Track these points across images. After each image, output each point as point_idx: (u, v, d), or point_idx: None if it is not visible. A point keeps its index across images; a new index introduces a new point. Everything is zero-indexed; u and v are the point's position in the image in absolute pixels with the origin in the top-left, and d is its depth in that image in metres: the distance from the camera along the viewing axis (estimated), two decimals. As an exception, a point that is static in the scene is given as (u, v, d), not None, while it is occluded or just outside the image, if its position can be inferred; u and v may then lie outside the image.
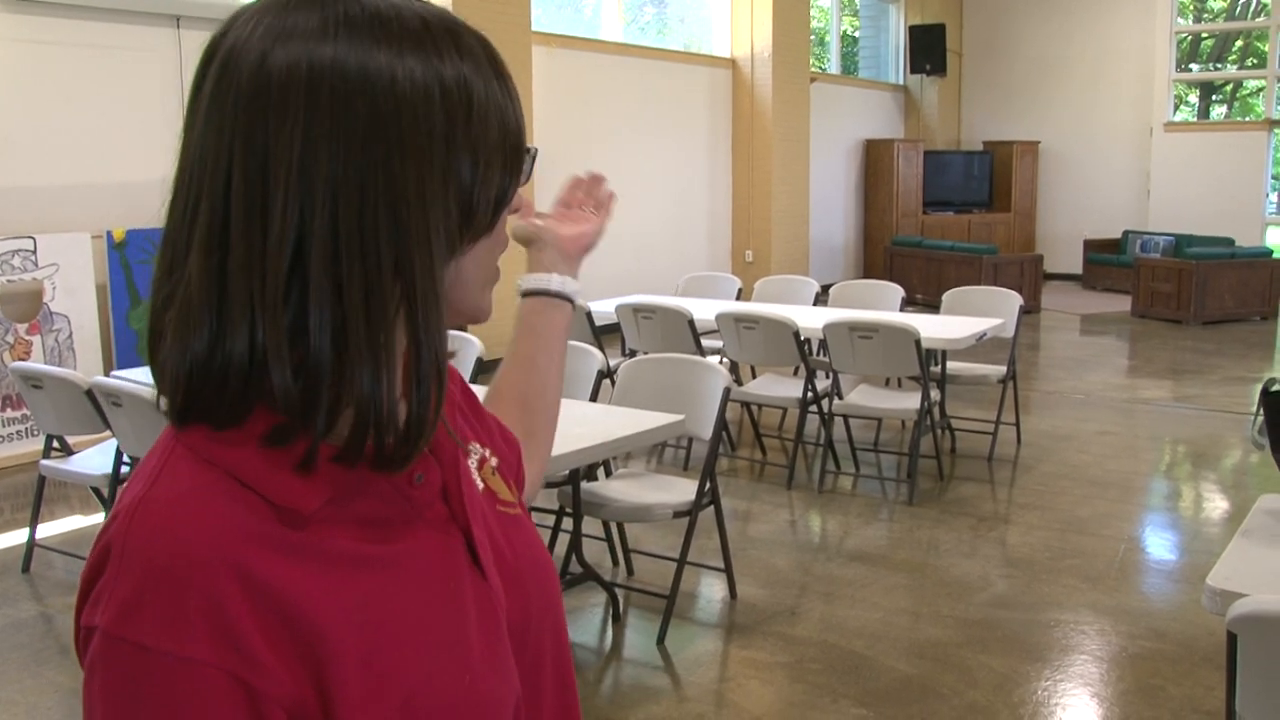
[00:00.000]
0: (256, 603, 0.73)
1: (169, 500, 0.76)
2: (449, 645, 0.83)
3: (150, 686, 0.71)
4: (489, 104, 0.82)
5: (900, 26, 15.62)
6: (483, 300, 0.89)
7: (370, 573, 0.80)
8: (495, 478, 0.99)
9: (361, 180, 0.76)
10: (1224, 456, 6.74)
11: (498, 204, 0.84)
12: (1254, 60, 16.07)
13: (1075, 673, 3.77)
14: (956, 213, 15.09)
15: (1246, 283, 11.79)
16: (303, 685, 0.74)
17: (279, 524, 0.77)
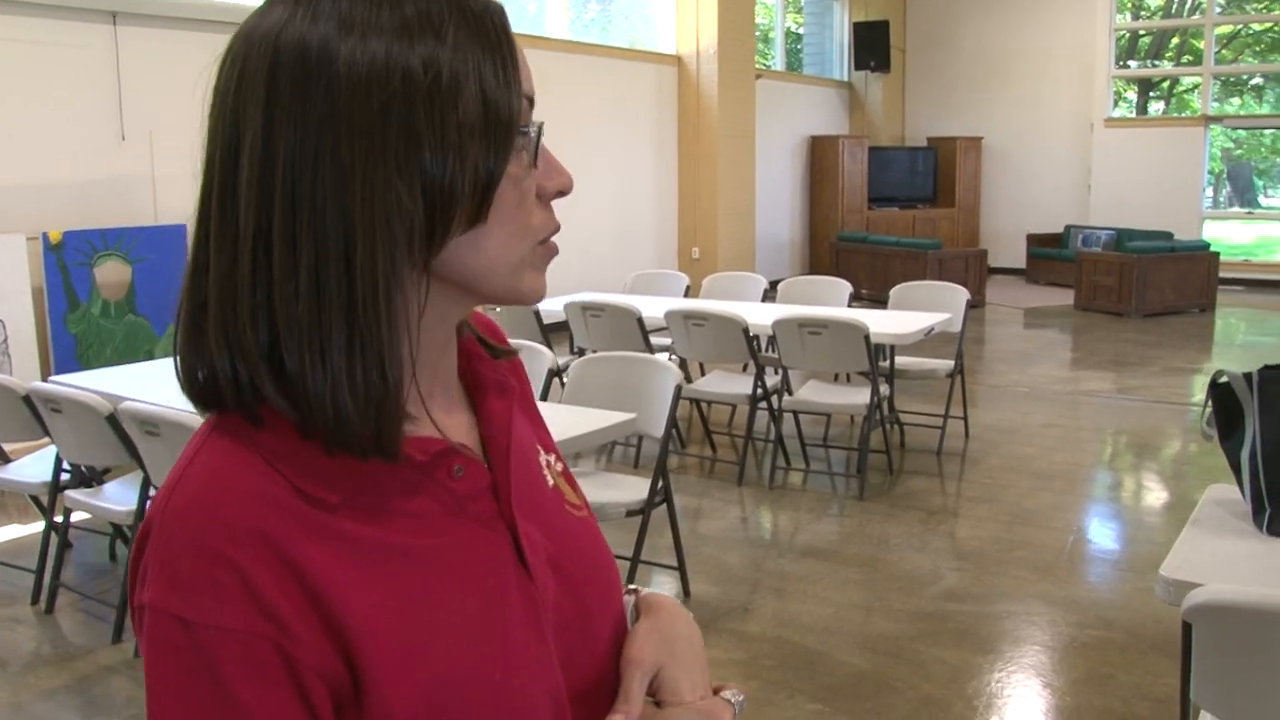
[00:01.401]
0: (284, 576, 0.75)
1: (203, 477, 0.78)
2: (483, 639, 0.83)
3: (194, 656, 0.73)
4: (466, 83, 0.78)
5: (844, 23, 15.69)
6: (518, 282, 0.85)
7: (403, 562, 0.81)
8: (561, 479, 1.00)
9: (315, 166, 0.75)
10: (1166, 447, 6.83)
11: (484, 186, 0.79)
12: (1190, 57, 16.32)
13: (1027, 663, 3.79)
14: (901, 208, 15.18)
15: (1185, 276, 11.95)
16: (334, 662, 0.76)
17: (308, 506, 0.78)
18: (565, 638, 0.89)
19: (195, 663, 0.73)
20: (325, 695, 0.76)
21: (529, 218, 0.84)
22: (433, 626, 0.80)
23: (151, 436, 3.62)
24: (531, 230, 0.85)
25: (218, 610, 0.73)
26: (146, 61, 7.22)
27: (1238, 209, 17.12)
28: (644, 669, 0.92)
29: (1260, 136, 17.65)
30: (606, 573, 0.97)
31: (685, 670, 0.94)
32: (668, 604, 1.01)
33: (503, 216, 0.82)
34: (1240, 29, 16.57)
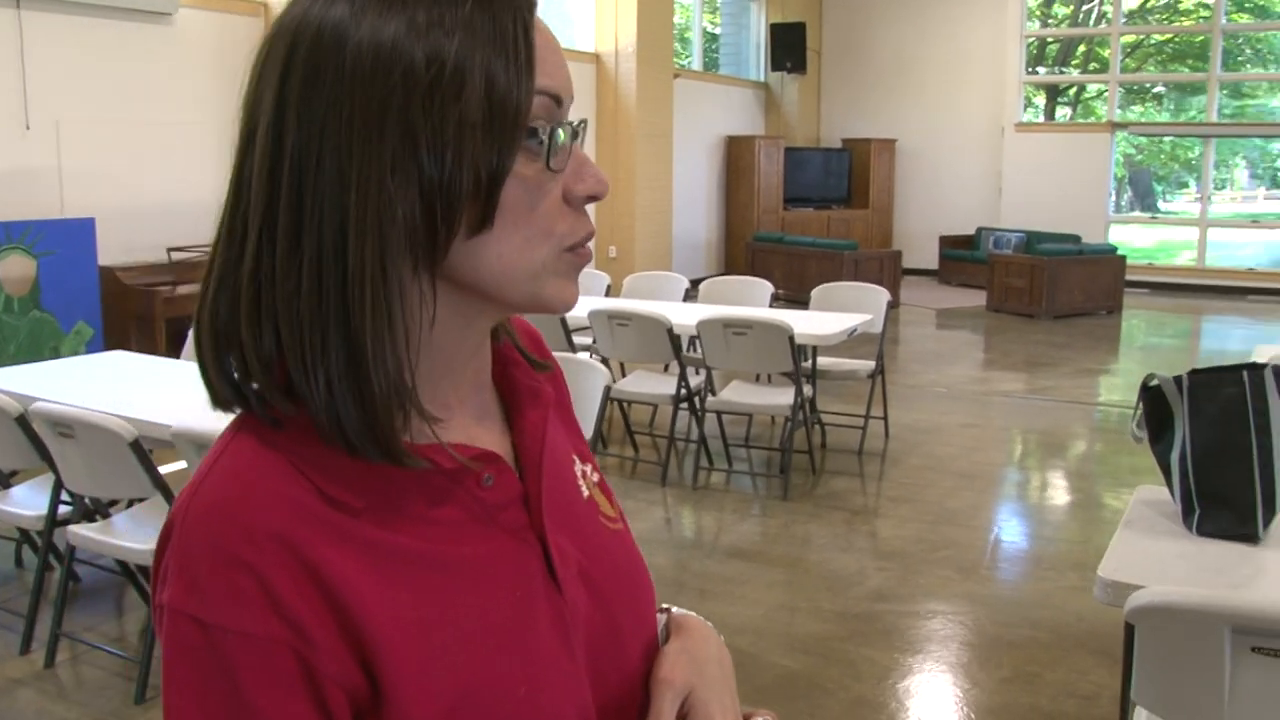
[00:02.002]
0: (304, 581, 0.73)
1: (225, 478, 0.76)
2: (509, 651, 0.81)
3: (211, 659, 0.72)
4: (470, 78, 0.74)
5: (761, 24, 15.78)
6: (539, 290, 0.81)
7: (429, 570, 0.78)
8: (597, 490, 0.97)
9: (318, 160, 0.73)
10: (1079, 447, 6.96)
11: (489, 188, 0.75)
12: (1096, 65, 16.68)
13: (955, 662, 3.82)
14: (816, 209, 15.31)
15: (1094, 278, 12.21)
16: (353, 670, 0.74)
17: (331, 510, 0.76)
18: (595, 653, 0.87)
19: (212, 666, 0.72)
20: (344, 704, 0.74)
21: (549, 222, 0.80)
22: (457, 637, 0.78)
23: (65, 438, 3.49)
24: (553, 235, 0.80)
25: (236, 615, 0.72)
26: (53, 48, 7.01)
27: (1140, 213, 17.56)
28: (675, 690, 0.89)
29: (1160, 143, 18.12)
30: (640, 588, 0.95)
31: (716, 693, 0.91)
32: (699, 625, 0.98)
33: (516, 220, 0.78)
34: (1143, 39, 16.99)
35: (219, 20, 7.86)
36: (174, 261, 7.43)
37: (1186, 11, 16.32)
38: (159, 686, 3.56)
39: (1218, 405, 2.56)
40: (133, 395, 3.98)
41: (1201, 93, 15.08)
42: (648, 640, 0.94)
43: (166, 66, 7.57)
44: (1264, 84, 16.40)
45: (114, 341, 6.96)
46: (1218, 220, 15.33)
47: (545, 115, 0.78)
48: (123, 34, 7.30)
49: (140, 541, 3.57)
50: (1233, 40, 15.47)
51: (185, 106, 7.72)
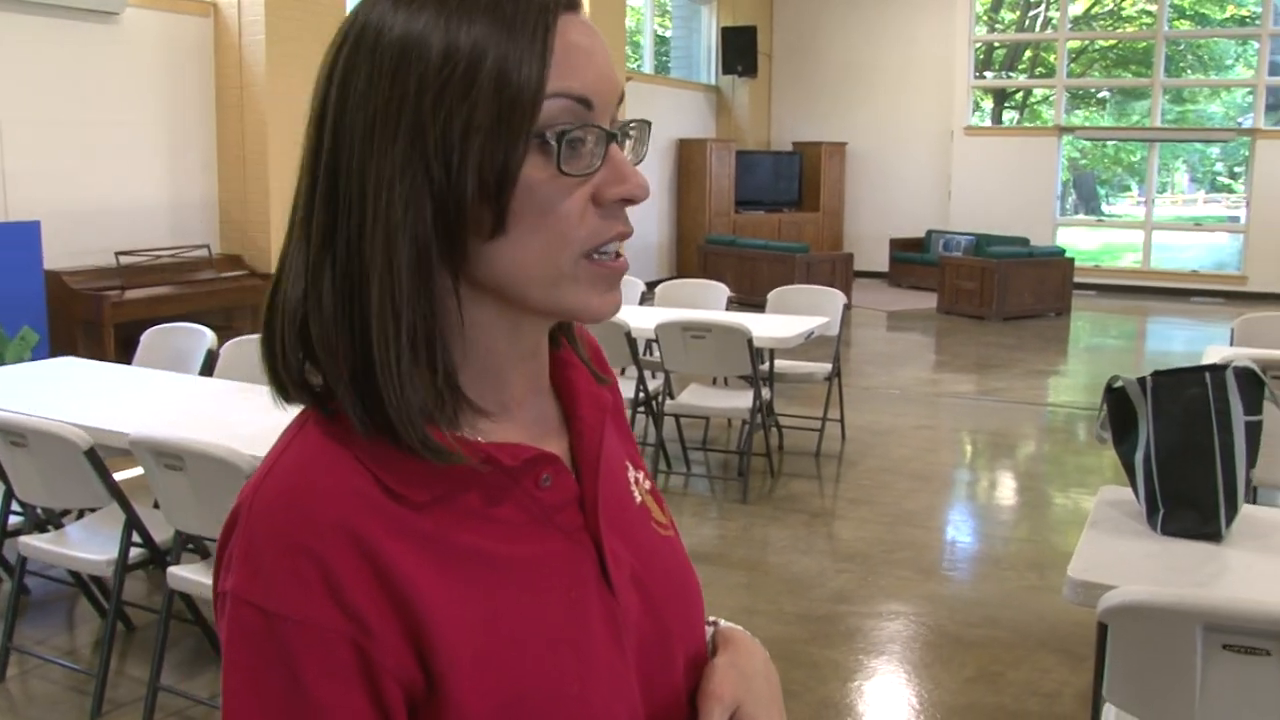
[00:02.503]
0: (366, 573, 0.74)
1: (293, 467, 0.77)
2: (563, 651, 0.81)
3: (272, 646, 0.73)
4: (482, 75, 0.74)
5: (712, 28, 15.81)
6: (560, 296, 0.80)
7: (488, 568, 0.79)
8: (649, 497, 0.98)
9: (350, 158, 0.75)
10: (1031, 447, 7.02)
11: (498, 188, 0.75)
12: (1042, 70, 16.88)
13: (919, 663, 3.83)
14: (767, 212, 15.36)
15: (1043, 280, 12.35)
16: (410, 663, 0.75)
17: (395, 504, 0.77)
18: (644, 656, 0.87)
19: (273, 654, 0.73)
20: (400, 698, 0.75)
21: (567, 226, 0.78)
22: (513, 635, 0.79)
23: (17, 447, 3.42)
24: (572, 241, 0.79)
25: (298, 603, 0.72)
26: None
27: (1085, 216, 17.79)
28: (724, 705, 0.89)
29: (1103, 147, 18.37)
30: (690, 595, 0.95)
31: (764, 708, 0.92)
32: (746, 639, 0.99)
33: (533, 224, 0.77)
34: (1089, 44, 17.22)
35: (167, 20, 7.75)
36: (122, 265, 7.32)
37: (1130, 18, 16.58)
38: (115, 700, 3.51)
39: (1181, 406, 2.59)
40: (86, 402, 3.91)
41: (1145, 98, 15.31)
42: (696, 648, 0.94)
43: (114, 66, 7.45)
44: (1204, 90, 16.68)
45: (61, 348, 6.85)
46: (1162, 223, 15.56)
47: (570, 118, 0.77)
48: (68, 33, 7.18)
49: (94, 552, 3.50)
50: (1175, 46, 15.71)
51: (133, 107, 7.60)
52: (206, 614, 3.85)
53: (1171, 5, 15.14)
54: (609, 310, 0.82)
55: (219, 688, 2.73)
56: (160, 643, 3.38)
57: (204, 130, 8.09)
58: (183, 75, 7.90)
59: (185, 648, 3.86)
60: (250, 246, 8.15)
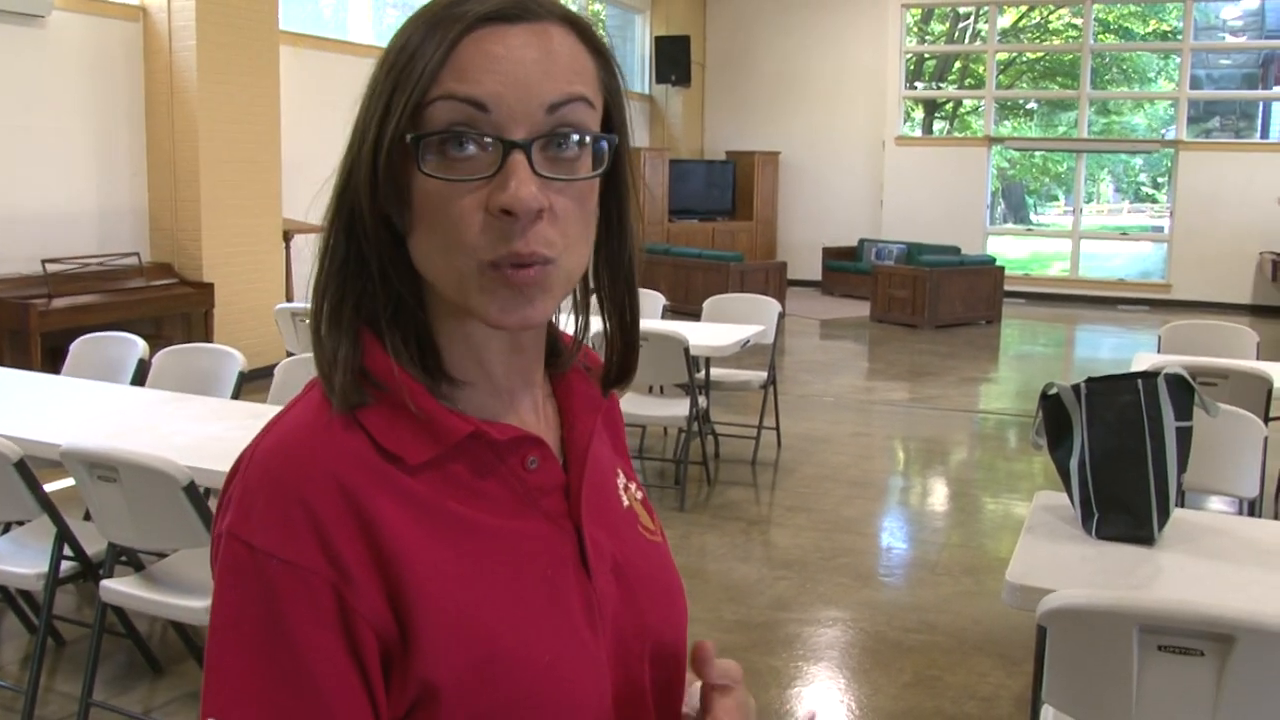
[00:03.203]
0: (353, 525, 0.78)
1: (294, 424, 0.84)
2: (537, 623, 0.85)
3: (256, 583, 0.77)
4: (403, 62, 0.81)
5: (646, 37, 15.87)
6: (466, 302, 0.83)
7: (471, 535, 0.84)
8: (638, 504, 1.02)
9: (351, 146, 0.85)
10: (965, 454, 7.11)
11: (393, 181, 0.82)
12: (971, 81, 17.13)
13: (858, 668, 3.86)
14: (701, 220, 15.41)
15: (974, 288, 12.51)
16: (386, 614, 0.79)
17: (387, 464, 0.82)
18: (620, 647, 0.91)
19: (256, 589, 0.77)
20: (374, 646, 0.79)
21: (459, 232, 0.80)
22: (489, 599, 0.83)
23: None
24: (466, 246, 0.80)
25: (286, 544, 0.77)
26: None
27: (1015, 225, 18.06)
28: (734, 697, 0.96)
29: (1031, 157, 18.68)
30: (673, 599, 1.00)
31: None
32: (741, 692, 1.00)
33: (430, 224, 0.81)
34: (1017, 57, 17.50)
35: (94, 24, 7.62)
36: (49, 273, 7.17)
37: (1057, 31, 16.87)
38: (45, 717, 3.43)
39: (1114, 413, 2.64)
40: (14, 413, 3.83)
41: (1072, 109, 15.58)
42: (674, 651, 0.97)
43: (39, 70, 7.31)
44: (1129, 102, 17.02)
45: (-15, 357, 6.69)
46: (1090, 232, 15.85)
47: (463, 120, 0.80)
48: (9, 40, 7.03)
49: (23, 565, 3.42)
50: (1100, 60, 16.01)
51: (60, 112, 7.46)
52: (139, 627, 3.79)
53: (1097, 19, 15.45)
54: (511, 321, 0.82)
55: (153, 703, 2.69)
56: (92, 657, 3.32)
57: (133, 136, 7.96)
58: (111, 80, 7.76)
59: (117, 662, 3.79)
60: (181, 254, 8.02)
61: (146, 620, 3.95)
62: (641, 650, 0.93)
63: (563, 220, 0.82)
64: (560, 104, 0.81)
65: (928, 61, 17.41)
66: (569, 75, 0.82)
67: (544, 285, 0.82)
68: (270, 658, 0.77)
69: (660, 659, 0.96)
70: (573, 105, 0.82)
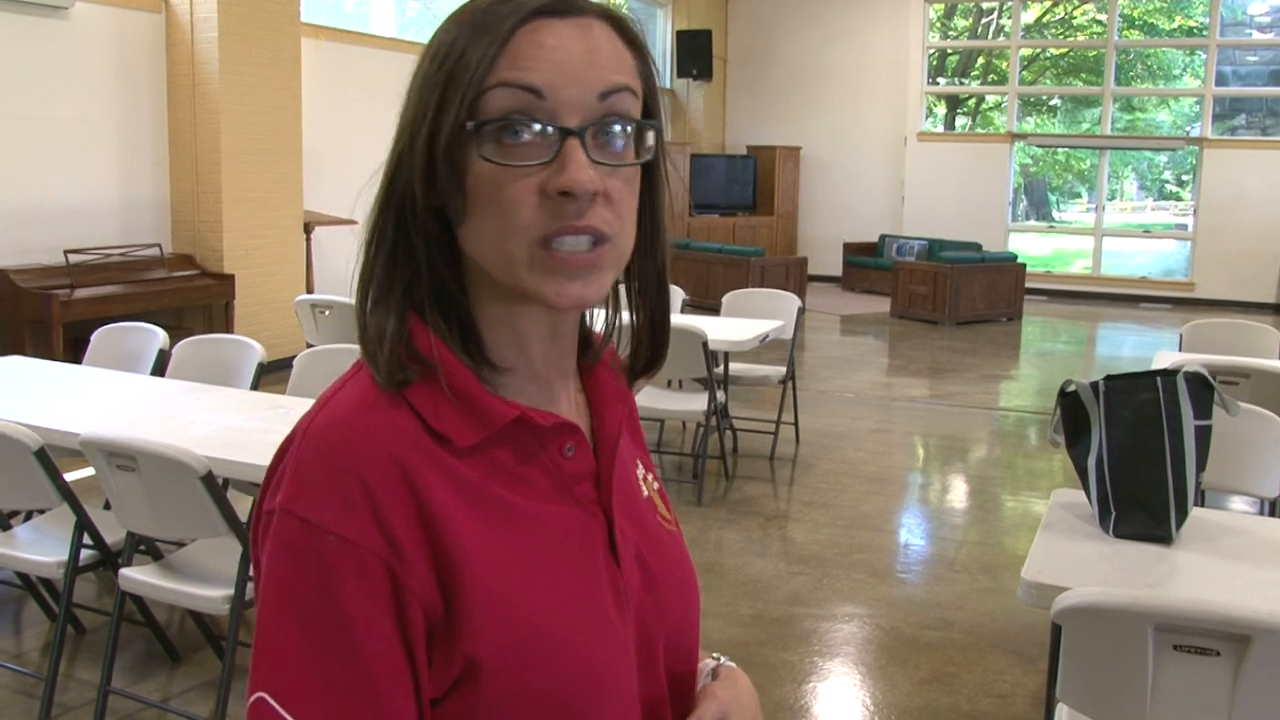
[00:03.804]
0: (408, 503, 0.80)
1: (349, 402, 0.85)
2: (572, 605, 0.88)
3: (311, 558, 0.78)
4: (455, 54, 0.84)
5: (668, 31, 15.84)
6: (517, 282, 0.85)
7: (513, 520, 0.87)
8: (656, 494, 1.06)
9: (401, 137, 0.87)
10: (985, 451, 7.09)
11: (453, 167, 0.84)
12: (994, 77, 17.04)
13: (873, 665, 3.85)
14: (722, 215, 15.39)
15: (995, 286, 12.47)
16: (434, 591, 0.81)
17: (436, 445, 0.84)
18: (642, 630, 0.95)
19: (310, 564, 0.78)
20: (421, 624, 0.80)
21: (513, 214, 0.83)
22: (530, 582, 0.86)
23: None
24: (520, 228, 0.84)
25: (342, 520, 0.78)
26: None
27: (1037, 222, 17.96)
28: (719, 703, 1.00)
29: (1055, 154, 18.56)
30: (688, 585, 1.04)
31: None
32: (743, 676, 1.07)
33: (485, 208, 0.84)
34: (1040, 52, 17.40)
35: (118, 16, 7.65)
36: (71, 264, 7.21)
37: (1081, 27, 16.75)
38: (65, 704, 3.46)
39: (1133, 410, 2.62)
40: (36, 402, 3.85)
41: (1096, 106, 15.50)
42: (688, 637, 1.02)
43: (62, 62, 7.35)
44: (1153, 98, 16.90)
45: (8, 347, 6.74)
46: (1112, 230, 15.76)
47: (517, 108, 0.83)
48: (16, 28, 7.06)
49: (44, 553, 3.45)
50: (1125, 56, 15.91)
51: (83, 103, 7.50)
52: (158, 616, 3.81)
53: (1121, 15, 15.35)
54: (566, 301, 0.85)
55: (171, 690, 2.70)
56: (111, 645, 3.34)
57: (156, 128, 8.00)
58: (134, 72, 7.80)
59: (136, 650, 3.82)
60: (202, 246, 8.06)
61: (166, 609, 3.97)
62: (660, 638, 0.97)
63: (616, 203, 0.86)
64: (610, 93, 0.85)
65: (950, 57, 17.33)
66: (614, 66, 0.86)
67: (600, 265, 0.86)
68: (322, 634, 0.78)
69: (676, 648, 1.00)
70: (620, 94, 0.86)
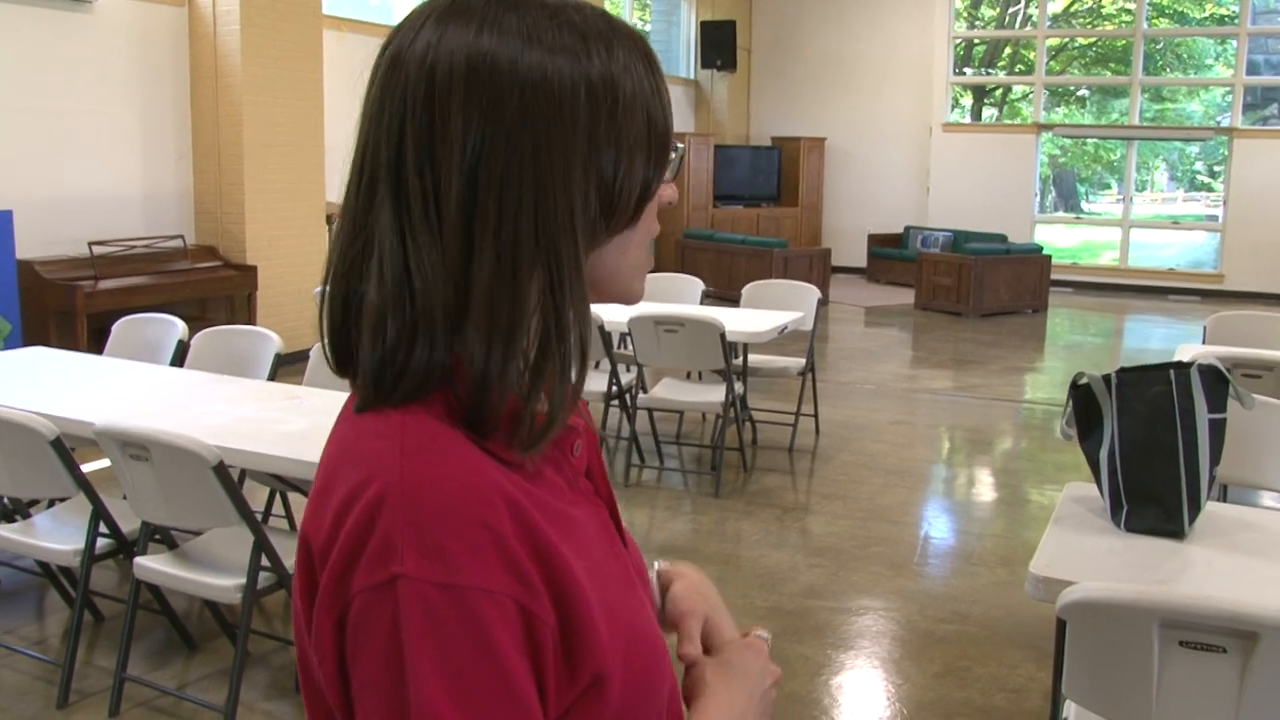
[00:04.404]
0: (524, 534, 0.81)
1: (433, 452, 0.82)
2: (629, 592, 0.93)
3: (462, 623, 0.76)
4: (635, 101, 0.88)
5: (691, 22, 15.81)
6: (632, 285, 0.94)
7: (574, 528, 0.88)
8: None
9: (507, 163, 0.82)
10: (1007, 444, 7.05)
11: (642, 194, 0.89)
12: (1022, 67, 16.93)
13: (887, 658, 3.85)
14: (746, 206, 15.36)
15: (1020, 277, 12.39)
16: (555, 613, 0.81)
17: (511, 472, 0.84)
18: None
19: (465, 629, 0.76)
20: (550, 651, 0.81)
21: (652, 224, 0.94)
22: (609, 584, 0.89)
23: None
24: (650, 235, 0.94)
25: (480, 573, 0.78)
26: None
27: (1064, 213, 17.85)
28: (697, 617, 1.07)
29: (1084, 145, 18.44)
30: (637, 550, 1.07)
31: (722, 615, 1.11)
32: (690, 569, 1.15)
33: (645, 222, 0.92)
34: (1068, 42, 17.28)
35: (141, 9, 7.70)
36: (95, 255, 7.27)
37: (1109, 16, 16.64)
38: (83, 691, 3.49)
39: (1145, 403, 2.60)
40: (53, 392, 3.88)
41: (1124, 96, 15.37)
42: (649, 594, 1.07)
43: (86, 55, 7.40)
44: (1183, 88, 16.76)
45: (34, 338, 6.80)
46: (1140, 221, 15.63)
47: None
48: (39, 20, 7.12)
49: (61, 542, 3.48)
50: (1154, 45, 15.78)
51: (107, 96, 7.55)
52: (177, 605, 3.84)
53: (1150, 3, 15.20)
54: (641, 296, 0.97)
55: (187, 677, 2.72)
56: (126, 633, 3.37)
57: (179, 120, 8.04)
58: (157, 64, 7.85)
59: (155, 639, 3.85)
60: (224, 237, 8.10)
61: (185, 598, 4.00)
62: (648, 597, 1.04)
63: None
64: None
65: (977, 47, 17.22)
66: None
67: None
68: (492, 694, 0.77)
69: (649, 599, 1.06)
70: None
